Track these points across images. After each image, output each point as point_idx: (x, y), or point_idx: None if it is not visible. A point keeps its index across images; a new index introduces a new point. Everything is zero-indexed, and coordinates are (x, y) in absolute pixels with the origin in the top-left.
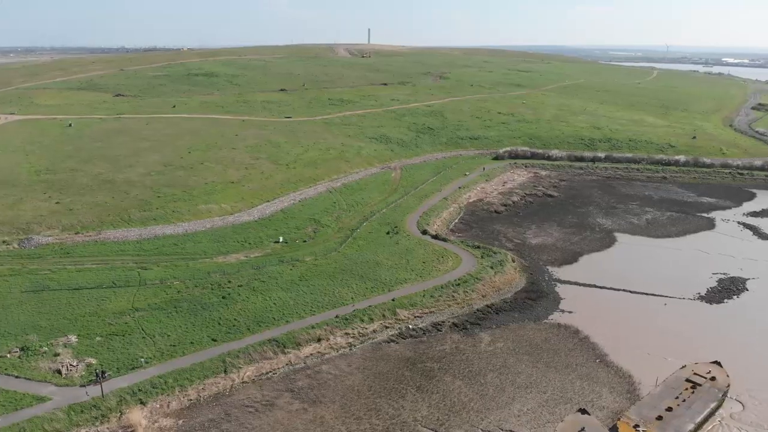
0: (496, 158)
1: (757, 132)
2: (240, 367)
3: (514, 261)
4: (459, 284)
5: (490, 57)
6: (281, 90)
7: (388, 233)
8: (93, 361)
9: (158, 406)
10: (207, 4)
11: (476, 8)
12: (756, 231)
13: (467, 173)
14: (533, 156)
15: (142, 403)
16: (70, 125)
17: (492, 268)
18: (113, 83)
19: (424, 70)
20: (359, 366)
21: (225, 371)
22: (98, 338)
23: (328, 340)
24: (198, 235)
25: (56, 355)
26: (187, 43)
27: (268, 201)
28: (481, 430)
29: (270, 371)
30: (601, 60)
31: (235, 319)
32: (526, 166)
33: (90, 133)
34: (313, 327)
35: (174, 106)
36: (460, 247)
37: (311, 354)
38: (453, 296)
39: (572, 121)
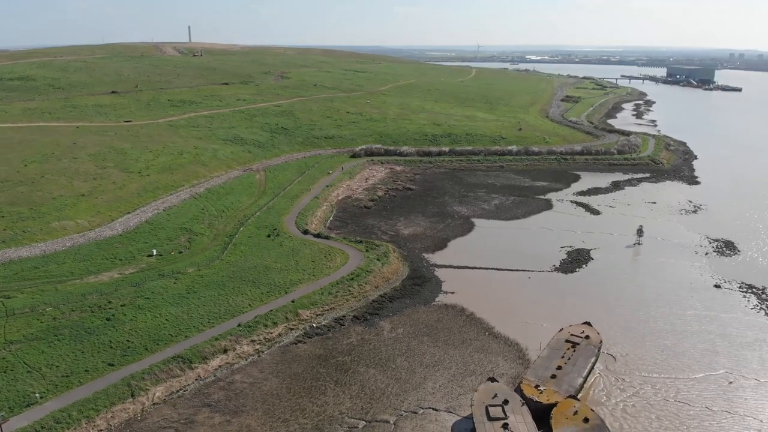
0: (354, 156)
1: (570, 121)
2: (148, 389)
3: (395, 251)
4: (352, 278)
5: (324, 57)
6: (113, 92)
7: (268, 236)
8: None
9: None
10: None
11: (305, 8)
12: (587, 207)
13: (330, 171)
14: (387, 153)
15: None
16: None
17: (378, 260)
18: None
19: (263, 70)
20: (272, 371)
21: (132, 395)
22: None
23: (234, 349)
24: (59, 255)
25: None
26: None
27: (129, 212)
28: (404, 411)
29: (181, 388)
30: (420, 60)
31: (128, 341)
32: (382, 163)
33: None
34: (216, 339)
35: None
36: (344, 243)
37: (220, 366)
38: (349, 290)
39: (414, 118)
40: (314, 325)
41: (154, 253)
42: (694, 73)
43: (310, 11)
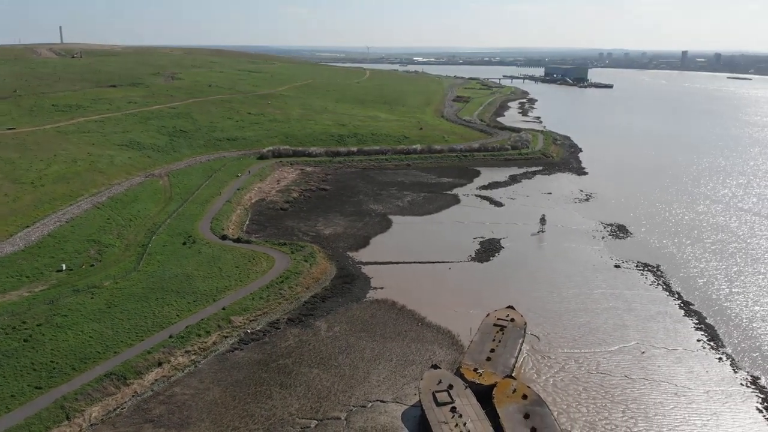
0: (261, 158)
1: (464, 120)
2: (83, 410)
3: (321, 252)
4: (282, 281)
5: (214, 57)
6: None
7: (184, 243)
8: None
9: None
10: None
11: (187, 7)
12: (491, 200)
13: (239, 174)
14: (295, 154)
15: None
16: None
17: (306, 261)
18: None
19: (152, 71)
20: (213, 380)
21: (68, 418)
22: None
23: (169, 362)
24: None
25: None
26: None
27: (28, 226)
28: (353, 406)
29: (118, 406)
30: (310, 61)
31: (52, 362)
32: (291, 164)
33: None
34: (149, 352)
35: None
36: (267, 246)
37: (156, 379)
38: (281, 293)
39: (319, 119)
40: (249, 330)
41: (64, 267)
42: (569, 72)
43: (194, 10)
